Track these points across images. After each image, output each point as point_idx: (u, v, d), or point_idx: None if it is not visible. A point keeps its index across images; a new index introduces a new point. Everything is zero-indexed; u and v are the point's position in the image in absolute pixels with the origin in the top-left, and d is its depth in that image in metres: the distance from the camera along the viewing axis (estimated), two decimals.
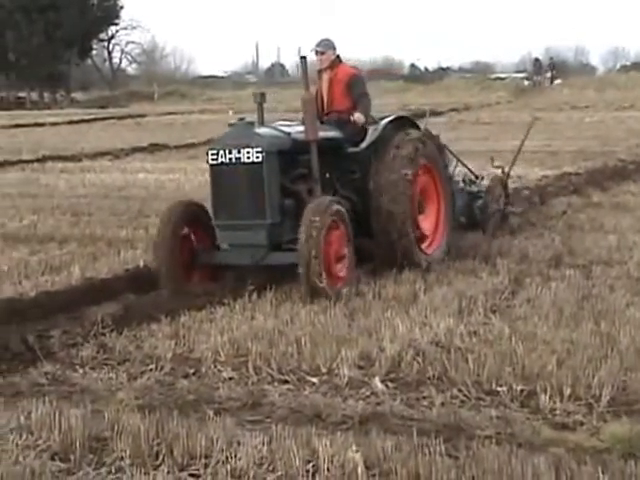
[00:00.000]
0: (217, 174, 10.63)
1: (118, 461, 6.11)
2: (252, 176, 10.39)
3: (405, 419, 6.65)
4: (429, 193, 11.95)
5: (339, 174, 11.52)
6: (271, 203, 10.41)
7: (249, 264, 10.58)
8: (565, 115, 43.04)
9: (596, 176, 19.89)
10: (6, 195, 19.99)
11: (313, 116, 10.85)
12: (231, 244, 10.82)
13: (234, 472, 5.81)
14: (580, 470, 5.58)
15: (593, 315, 9.05)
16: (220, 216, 10.65)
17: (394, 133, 11.56)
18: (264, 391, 7.40)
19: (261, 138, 10.51)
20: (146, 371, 7.95)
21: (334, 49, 11.88)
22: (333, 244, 10.14)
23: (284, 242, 10.56)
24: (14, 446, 6.33)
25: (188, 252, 10.79)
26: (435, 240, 11.91)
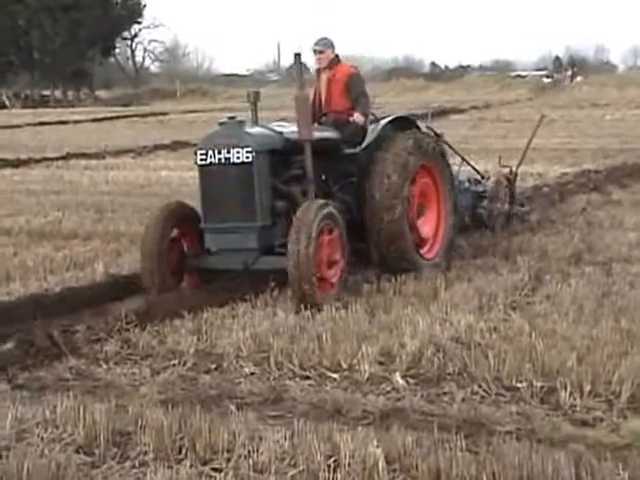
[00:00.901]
0: (206, 175, 10.20)
1: (142, 455, 6.14)
2: (242, 177, 9.98)
3: (426, 414, 6.66)
4: (429, 195, 11.60)
5: (336, 176, 11.21)
6: (262, 205, 10.01)
7: (239, 269, 10.23)
8: (585, 113, 42.94)
9: (616, 173, 19.83)
10: (31, 192, 20.06)
11: (307, 115, 10.37)
12: (220, 248, 10.37)
13: (256, 466, 5.82)
14: (600, 466, 5.56)
15: (613, 312, 9.03)
16: (209, 219, 10.23)
17: (393, 134, 11.26)
18: (285, 386, 7.42)
19: (251, 137, 10.11)
20: (169, 366, 7.98)
21: (333, 48, 11.59)
22: (325, 249, 9.71)
23: (276, 246, 10.13)
24: (39, 440, 6.37)
25: (177, 256, 10.46)
26: (436, 243, 11.59)
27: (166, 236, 10.28)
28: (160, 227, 10.24)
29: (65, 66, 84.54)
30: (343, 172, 11.26)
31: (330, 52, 11.54)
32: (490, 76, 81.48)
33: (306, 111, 10.31)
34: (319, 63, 11.60)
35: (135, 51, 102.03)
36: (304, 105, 10.28)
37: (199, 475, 5.76)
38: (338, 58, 11.67)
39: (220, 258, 10.41)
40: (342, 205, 10.74)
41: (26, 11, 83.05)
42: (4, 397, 7.26)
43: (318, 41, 11.56)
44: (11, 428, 6.57)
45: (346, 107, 11.43)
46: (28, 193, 19.83)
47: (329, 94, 11.56)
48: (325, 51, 11.51)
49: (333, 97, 11.55)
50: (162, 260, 10.14)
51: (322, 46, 11.51)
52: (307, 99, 10.51)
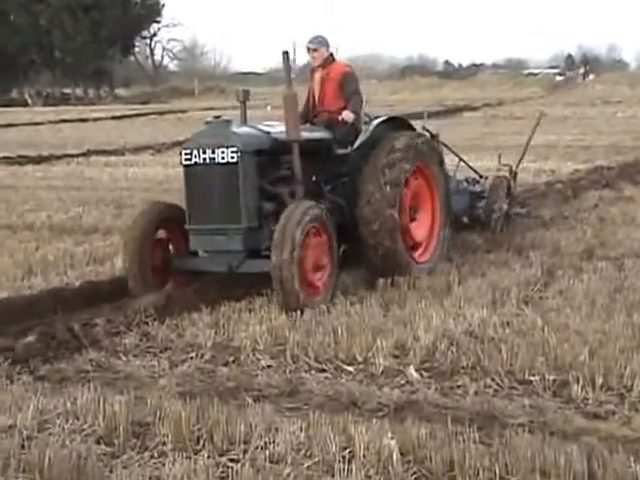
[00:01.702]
0: (191, 175, 9.81)
1: (160, 446, 6.14)
2: (227, 177, 9.56)
3: (439, 407, 6.66)
4: (423, 197, 11.13)
5: (327, 177, 10.80)
6: (247, 206, 9.59)
7: (225, 271, 9.82)
8: (597, 110, 42.85)
9: (628, 170, 19.79)
10: (52, 188, 20.12)
11: (295, 115, 9.93)
12: (205, 250, 10.04)
13: (272, 457, 5.83)
14: (612, 459, 5.54)
15: (625, 307, 9.02)
16: (194, 220, 9.79)
17: (386, 135, 10.80)
18: (302, 379, 7.42)
19: (237, 137, 9.68)
20: (187, 359, 7.99)
21: (327, 46, 11.22)
22: (312, 252, 9.33)
23: (262, 248, 9.66)
24: (61, 430, 6.39)
25: (162, 257, 10.11)
26: (430, 246, 11.15)
27: (149, 237, 9.98)
28: (143, 229, 9.96)
29: (86, 65, 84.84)
30: (334, 173, 10.85)
31: (324, 50, 11.19)
32: (503, 74, 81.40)
33: (294, 111, 9.93)
34: (313, 61, 11.27)
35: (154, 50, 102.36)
36: (292, 104, 9.88)
37: (216, 465, 5.76)
38: (332, 56, 11.35)
39: (205, 260, 10.10)
40: (333, 206, 10.43)
41: (48, 10, 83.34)
42: (26, 388, 7.28)
43: (312, 39, 11.21)
44: (33, 419, 6.59)
45: (339, 106, 11.04)
46: (49, 189, 19.89)
47: (323, 93, 11.21)
48: (319, 49, 11.15)
49: (327, 96, 11.19)
50: (145, 261, 9.83)
51: (316, 44, 11.15)
52: (295, 98, 10.00)
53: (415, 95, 59.53)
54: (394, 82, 73.62)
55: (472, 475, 5.50)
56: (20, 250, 12.60)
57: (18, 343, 8.39)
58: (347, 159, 10.71)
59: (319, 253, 9.47)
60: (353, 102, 11.00)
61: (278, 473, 5.56)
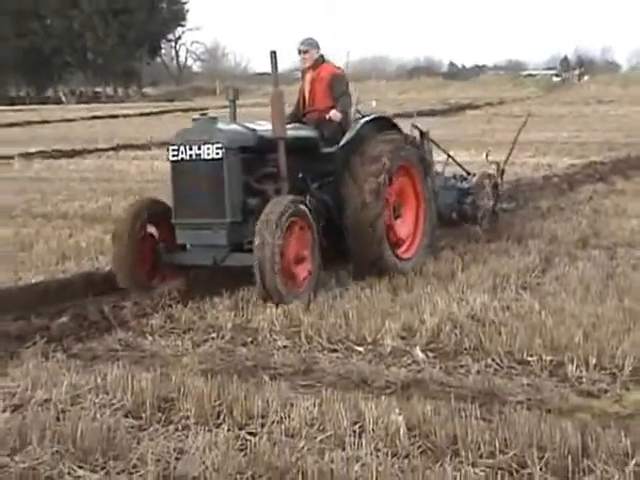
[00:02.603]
0: (177, 171, 9.42)
1: (184, 420, 6.16)
2: (212, 173, 9.20)
3: (443, 385, 6.64)
4: (407, 195, 10.73)
5: (313, 175, 10.33)
6: (232, 201, 9.22)
7: (210, 265, 9.46)
8: (592, 109, 42.72)
9: (620, 165, 19.73)
10: (84, 180, 20.15)
11: (281, 112, 9.58)
12: (191, 243, 9.62)
13: (288, 431, 5.84)
14: (605, 434, 5.54)
15: (617, 292, 8.99)
16: (179, 214, 9.42)
17: (371, 134, 10.44)
18: (315, 358, 7.42)
19: (222, 134, 9.29)
20: (209, 339, 7.99)
21: (318, 48, 10.79)
22: (292, 245, 8.98)
23: (245, 243, 9.20)
24: (92, 404, 6.41)
25: (150, 251, 9.68)
26: (414, 243, 10.74)
27: (137, 233, 9.54)
28: (130, 225, 9.52)
29: (115, 65, 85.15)
30: (321, 171, 10.40)
31: (315, 52, 10.77)
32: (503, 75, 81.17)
33: (280, 109, 9.57)
34: (303, 62, 10.82)
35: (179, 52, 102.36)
36: (278, 102, 9.52)
37: (236, 438, 5.77)
38: (323, 58, 10.88)
39: (191, 254, 9.67)
40: (320, 203, 10.08)
41: (81, 15, 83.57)
42: (60, 365, 7.30)
43: (303, 41, 10.80)
44: (66, 393, 6.61)
45: (329, 106, 10.59)
46: (81, 181, 19.93)
47: (313, 93, 10.78)
48: (309, 51, 10.74)
49: (317, 96, 10.75)
50: (133, 256, 9.46)
51: (307, 46, 10.74)
52: (281, 97, 9.60)
53: (422, 94, 59.43)
54: (402, 82, 73.49)
55: (473, 449, 5.49)
56: (54, 237, 12.62)
57: (53, 323, 8.43)
58: (332, 157, 10.33)
59: (300, 247, 9.13)
60: (342, 102, 10.59)
61: (293, 446, 5.56)
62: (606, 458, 5.31)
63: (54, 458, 5.64)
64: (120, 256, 9.44)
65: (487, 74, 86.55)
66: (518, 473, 5.25)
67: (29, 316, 8.63)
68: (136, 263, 9.47)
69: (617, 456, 5.33)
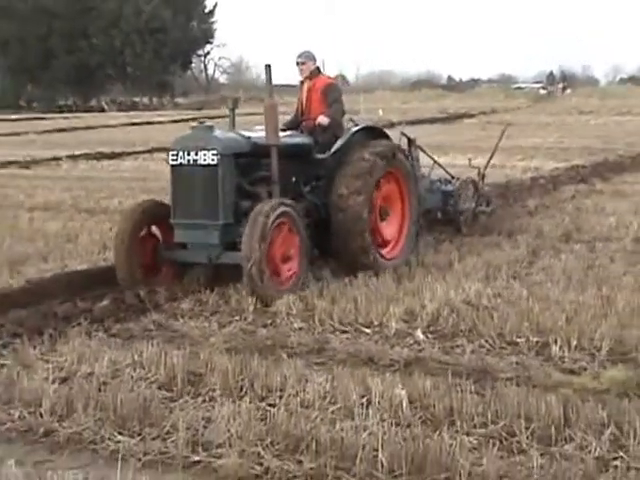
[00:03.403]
0: (176, 174, 9.11)
1: (211, 392, 6.18)
2: (207, 177, 8.89)
3: (441, 363, 6.64)
4: (393, 199, 10.33)
5: (306, 179, 9.94)
6: (225, 204, 8.90)
7: (205, 262, 9.14)
8: (574, 118, 42.54)
9: (599, 168, 19.64)
10: (123, 179, 20.14)
11: (275, 121, 9.18)
12: (187, 242, 9.23)
13: (303, 403, 5.86)
14: (584, 407, 5.57)
15: (596, 281, 8.97)
16: (177, 215, 9.09)
17: (361, 142, 10.07)
18: (327, 339, 7.42)
19: (218, 141, 8.98)
20: (233, 321, 8.00)
21: (314, 60, 10.50)
22: (279, 245, 8.66)
23: (238, 242, 8.70)
24: (129, 378, 6.45)
25: (151, 250, 9.35)
26: (399, 244, 10.32)
27: (137, 233, 9.23)
28: (129, 226, 9.19)
29: (151, 78, 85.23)
30: (313, 175, 10.00)
31: (311, 64, 10.47)
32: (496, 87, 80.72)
33: (274, 118, 9.16)
34: (301, 73, 10.51)
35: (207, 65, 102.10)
36: (272, 112, 9.12)
37: (257, 409, 5.78)
38: (319, 70, 10.61)
39: (188, 252, 9.26)
40: (311, 205, 9.73)
41: (121, 34, 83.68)
42: (102, 343, 7.33)
43: (301, 54, 10.51)
44: (107, 368, 6.64)
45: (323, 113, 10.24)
46: (120, 180, 19.92)
47: (309, 102, 10.44)
48: (306, 63, 10.43)
49: (312, 105, 10.38)
50: (133, 255, 9.11)
51: (304, 58, 10.44)
52: (275, 107, 9.20)
53: (423, 104, 59.27)
54: (406, 93, 73.24)
55: (468, 419, 5.51)
56: (97, 230, 12.61)
57: (95, 306, 8.46)
58: (324, 163, 9.94)
59: (287, 246, 8.81)
60: (332, 109, 10.23)
61: (307, 416, 5.57)
62: (585, 428, 5.33)
63: (96, 425, 5.68)
64: (120, 255, 9.11)
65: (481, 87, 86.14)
66: (507, 441, 5.27)
67: (74, 300, 8.67)
68: (136, 261, 9.14)
69: (595, 426, 5.35)
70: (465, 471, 4.79)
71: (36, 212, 14.68)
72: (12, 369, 6.72)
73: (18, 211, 14.78)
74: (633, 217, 12.93)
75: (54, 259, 10.56)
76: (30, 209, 15.03)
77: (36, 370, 6.68)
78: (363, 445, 5.08)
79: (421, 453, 4.96)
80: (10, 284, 9.33)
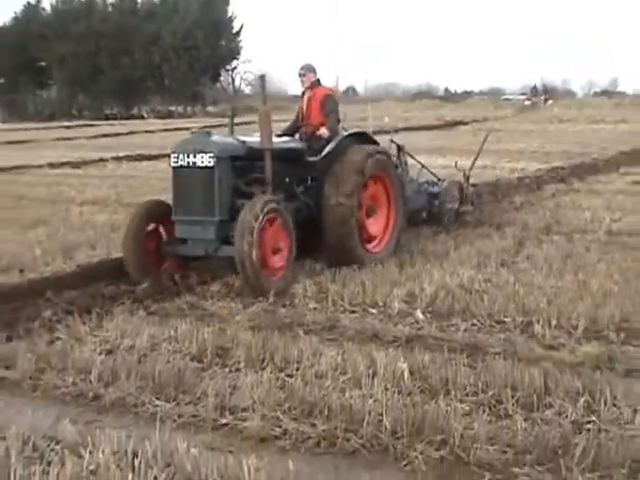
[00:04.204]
0: (177, 175, 8.82)
1: (236, 363, 6.19)
2: (205, 178, 8.61)
3: (438, 340, 6.63)
4: (379, 198, 10.03)
5: (299, 180, 9.66)
6: (221, 203, 8.62)
7: (203, 255, 8.86)
8: (554, 126, 42.34)
9: (576, 170, 19.57)
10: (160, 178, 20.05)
11: (269, 127, 8.87)
12: (187, 237, 8.90)
13: (317, 374, 5.85)
14: (562, 377, 5.58)
15: (573, 268, 8.95)
16: (178, 212, 8.80)
17: (349, 147, 9.73)
18: (338, 318, 7.41)
19: (214, 145, 8.70)
20: (256, 302, 7.97)
21: (314, 72, 10.20)
22: (269, 239, 8.34)
23: (231, 237, 8.39)
24: (166, 351, 6.47)
25: (155, 244, 9.05)
26: (384, 240, 10.01)
27: (142, 229, 8.95)
28: (135, 222, 8.95)
29: (185, 89, 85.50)
30: (305, 177, 9.70)
31: (311, 76, 10.19)
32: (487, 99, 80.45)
33: (268, 123, 8.85)
34: (302, 84, 10.24)
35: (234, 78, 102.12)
36: (266, 119, 8.82)
37: (276, 379, 5.79)
38: (319, 81, 10.29)
39: (188, 246, 8.94)
40: (303, 204, 9.49)
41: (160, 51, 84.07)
42: (142, 321, 7.34)
43: (302, 66, 10.23)
44: (146, 342, 6.66)
45: (320, 121, 10.01)
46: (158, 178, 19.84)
47: (309, 109, 10.17)
48: (307, 74, 10.17)
49: (312, 112, 10.13)
50: (139, 249, 8.84)
51: (305, 70, 10.18)
52: (269, 114, 8.89)
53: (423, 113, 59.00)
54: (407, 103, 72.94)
55: (461, 389, 5.51)
56: None
57: (136, 288, 8.47)
58: (316, 165, 9.64)
59: (276, 239, 8.50)
60: (330, 120, 9.95)
61: (321, 385, 5.57)
62: (563, 396, 5.34)
63: (137, 391, 5.69)
64: (127, 248, 8.86)
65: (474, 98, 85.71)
66: (495, 407, 5.27)
67: (118, 282, 8.69)
68: (141, 254, 8.86)
69: (571, 394, 5.37)
70: (458, 433, 4.79)
71: (85, 206, 14.72)
72: (66, 342, 6.77)
73: (70, 205, 14.83)
74: (606, 212, 12.86)
75: (101, 247, 10.58)
76: (80, 203, 15.07)
77: (86, 343, 6.71)
78: (369, 411, 5.08)
79: (420, 418, 4.96)
80: (64, 268, 9.37)
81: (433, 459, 4.63)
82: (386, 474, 4.51)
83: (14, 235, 11.77)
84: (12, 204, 15.38)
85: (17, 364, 6.28)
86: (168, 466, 4.48)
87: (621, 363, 6.01)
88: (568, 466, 4.45)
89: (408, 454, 4.67)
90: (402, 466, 4.59)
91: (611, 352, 6.20)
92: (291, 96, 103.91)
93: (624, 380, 5.66)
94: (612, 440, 4.69)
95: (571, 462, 4.47)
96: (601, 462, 4.48)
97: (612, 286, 8.01)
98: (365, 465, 4.62)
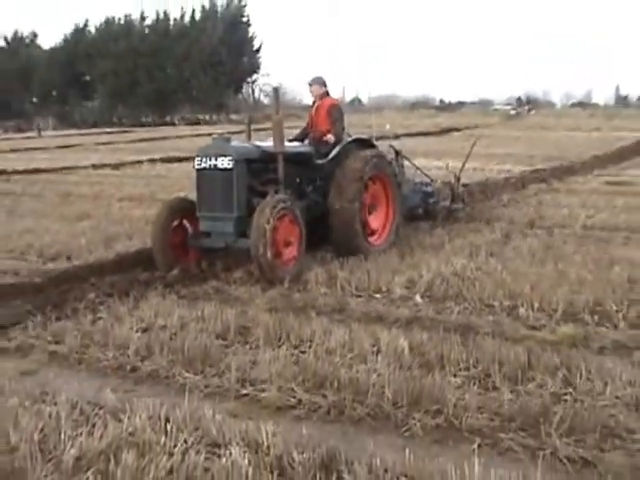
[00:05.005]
0: (200, 176, 8.79)
1: (256, 341, 6.19)
2: (225, 179, 8.58)
3: (435, 321, 6.60)
4: (379, 197, 9.97)
5: (308, 180, 9.62)
6: (238, 200, 8.58)
7: (222, 247, 8.77)
8: (537, 133, 42.13)
9: (556, 171, 19.46)
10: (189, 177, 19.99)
11: (281, 133, 8.80)
12: (209, 231, 8.83)
13: (327, 350, 5.84)
14: (543, 354, 5.57)
15: (553, 259, 8.89)
16: (201, 209, 8.76)
17: (351, 151, 9.71)
18: (347, 301, 7.38)
19: (233, 149, 8.67)
20: (273, 287, 7.96)
21: (323, 84, 10.06)
22: (281, 232, 8.28)
23: (249, 231, 8.29)
24: (194, 329, 6.45)
25: (181, 237, 8.97)
26: (384, 234, 9.96)
27: (169, 224, 8.87)
28: (163, 218, 8.86)
29: (211, 100, 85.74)
30: (314, 177, 9.66)
31: (319, 87, 10.05)
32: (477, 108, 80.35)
33: (280, 130, 8.77)
34: (312, 94, 10.14)
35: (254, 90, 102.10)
36: (278, 126, 8.74)
37: (291, 355, 5.79)
38: (327, 92, 10.14)
39: (210, 239, 8.85)
40: (312, 202, 9.43)
41: (189, 66, 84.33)
42: (173, 303, 7.35)
43: (312, 79, 10.13)
44: (177, 322, 6.67)
45: (327, 128, 9.86)
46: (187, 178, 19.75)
47: (317, 118, 10.04)
48: (314, 86, 10.06)
49: (319, 120, 9.99)
50: (167, 242, 8.76)
51: (314, 82, 10.08)
52: (281, 122, 8.80)
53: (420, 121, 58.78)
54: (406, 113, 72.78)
55: (454, 364, 5.50)
56: None
57: (168, 274, 8.47)
58: (323, 167, 9.61)
59: (288, 233, 8.43)
60: (335, 128, 9.82)
61: (331, 361, 5.56)
62: (543, 370, 5.34)
63: (169, 364, 5.71)
64: (156, 242, 8.77)
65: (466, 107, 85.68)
66: (485, 381, 5.25)
67: (152, 269, 8.68)
68: (168, 247, 8.77)
69: (551, 369, 5.36)
70: (452, 404, 4.78)
71: (124, 202, 14.74)
72: (107, 321, 6.78)
73: (110, 201, 14.85)
74: (581, 210, 12.78)
75: (137, 238, 10.59)
76: (119, 200, 15.08)
77: (124, 322, 6.72)
78: (373, 383, 5.07)
79: (418, 389, 4.95)
80: (105, 256, 9.38)
81: (430, 426, 4.62)
82: (388, 439, 4.51)
83: (62, 227, 11.80)
84: (61, 200, 15.43)
85: (65, 340, 6.32)
86: (196, 430, 4.49)
87: (595, 342, 6.00)
88: (548, 432, 4.45)
89: (407, 421, 4.67)
90: (402, 432, 4.59)
91: (586, 332, 6.18)
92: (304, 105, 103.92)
93: (597, 357, 5.64)
94: (586, 409, 4.69)
95: (550, 428, 4.48)
96: (576, 428, 4.48)
97: (587, 274, 7.97)
98: (369, 431, 4.61)
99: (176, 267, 8.63)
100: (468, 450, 4.31)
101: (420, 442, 4.46)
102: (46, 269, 8.80)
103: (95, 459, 4.19)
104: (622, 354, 5.76)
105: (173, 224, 8.94)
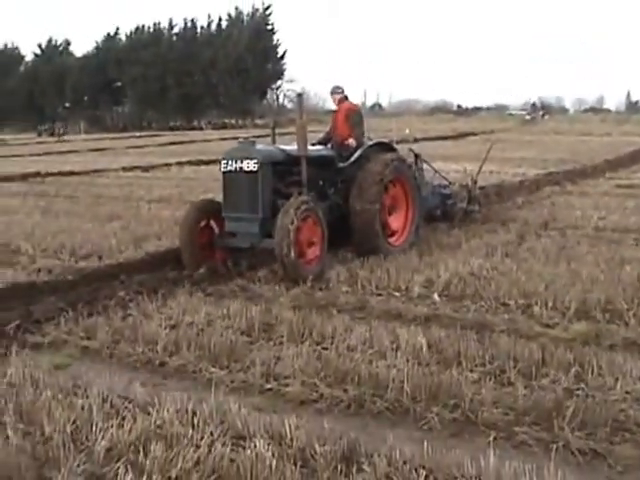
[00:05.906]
0: (226, 178, 8.76)
1: (280, 338, 6.19)
2: (250, 181, 8.53)
3: (452, 319, 6.58)
4: (399, 199, 9.89)
5: (330, 183, 9.57)
6: (263, 202, 8.53)
7: (248, 247, 8.73)
8: (550, 138, 41.84)
9: (569, 175, 19.33)
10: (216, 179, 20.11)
11: (304, 137, 8.74)
12: (235, 231, 8.77)
13: (348, 347, 5.84)
14: (557, 351, 5.54)
15: (566, 258, 8.84)
16: (227, 210, 8.74)
17: (372, 155, 9.66)
18: (367, 300, 7.36)
19: (258, 152, 8.63)
20: (296, 286, 7.95)
21: (343, 92, 10.05)
22: (304, 233, 8.20)
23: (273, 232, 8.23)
24: (220, 326, 6.48)
25: (208, 238, 8.89)
26: (403, 234, 9.88)
27: (196, 225, 8.81)
28: (190, 219, 8.81)
29: (237, 105, 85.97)
30: (336, 180, 9.61)
31: (340, 95, 10.05)
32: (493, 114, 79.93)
33: (304, 134, 8.72)
34: (333, 100, 10.14)
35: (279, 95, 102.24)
36: (302, 130, 8.70)
37: (314, 351, 5.79)
38: (346, 97, 10.13)
39: (235, 239, 8.79)
40: (334, 204, 9.38)
41: (216, 73, 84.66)
42: (200, 301, 7.38)
43: (332, 88, 10.13)
44: (204, 318, 6.69)
45: (347, 132, 9.83)
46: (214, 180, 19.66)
47: (337, 122, 10.03)
48: (334, 94, 10.07)
49: (339, 125, 9.99)
50: (194, 242, 8.70)
51: (334, 89, 10.09)
52: (305, 126, 8.78)
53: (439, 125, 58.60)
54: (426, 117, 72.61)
55: (471, 360, 5.48)
56: None
57: (195, 273, 8.50)
58: (345, 170, 9.56)
59: (311, 234, 8.35)
60: (355, 132, 9.80)
61: (351, 357, 5.56)
62: (557, 366, 5.32)
63: (196, 359, 5.73)
64: (184, 242, 8.73)
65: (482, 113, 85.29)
66: (500, 376, 5.24)
67: (180, 268, 8.71)
68: (195, 247, 8.72)
69: (564, 365, 5.33)
70: (468, 398, 4.77)
71: (153, 203, 14.80)
72: (136, 318, 6.81)
73: (140, 202, 14.91)
74: (594, 211, 12.69)
75: (166, 238, 10.63)
76: (149, 201, 15.15)
77: (153, 319, 6.75)
78: (393, 378, 5.07)
79: (436, 385, 4.94)
80: (135, 255, 9.43)
81: (447, 420, 4.62)
82: (407, 432, 4.50)
83: (94, 227, 11.88)
84: (92, 201, 15.52)
85: (96, 336, 6.36)
86: (222, 423, 4.50)
87: (606, 339, 5.96)
88: (560, 426, 4.43)
89: (425, 415, 4.66)
90: (420, 425, 4.59)
91: (598, 330, 6.14)
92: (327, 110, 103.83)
93: (608, 354, 5.60)
94: (597, 404, 4.67)
95: (563, 422, 4.46)
96: (588, 422, 4.47)
97: (599, 274, 7.91)
98: (389, 424, 4.61)
99: (203, 266, 8.65)
100: (484, 443, 4.30)
101: (438, 435, 4.46)
102: (78, 267, 8.86)
103: (125, 450, 4.21)
104: (632, 351, 5.73)
105: (200, 225, 8.90)
